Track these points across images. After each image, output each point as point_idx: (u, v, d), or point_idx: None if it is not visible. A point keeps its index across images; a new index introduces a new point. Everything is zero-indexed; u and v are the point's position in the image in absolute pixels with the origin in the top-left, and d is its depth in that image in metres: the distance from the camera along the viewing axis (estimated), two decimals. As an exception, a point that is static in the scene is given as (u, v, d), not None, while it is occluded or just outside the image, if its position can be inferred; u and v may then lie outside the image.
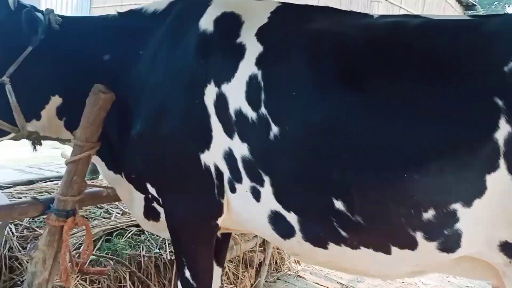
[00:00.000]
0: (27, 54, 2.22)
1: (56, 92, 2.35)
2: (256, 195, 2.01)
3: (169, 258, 3.22)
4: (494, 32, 1.72)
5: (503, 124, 1.59)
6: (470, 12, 18.09)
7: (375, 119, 1.75)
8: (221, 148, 2.04)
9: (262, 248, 3.99)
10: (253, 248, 3.87)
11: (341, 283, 4.15)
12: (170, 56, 2.17)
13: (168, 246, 3.30)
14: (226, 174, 2.07)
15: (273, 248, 4.11)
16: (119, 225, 3.39)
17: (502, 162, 1.60)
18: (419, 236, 1.75)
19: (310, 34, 1.99)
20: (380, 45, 1.85)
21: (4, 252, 2.85)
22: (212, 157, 2.07)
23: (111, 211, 3.67)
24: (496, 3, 35.34)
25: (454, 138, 1.65)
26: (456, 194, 1.67)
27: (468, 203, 1.66)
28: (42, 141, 2.50)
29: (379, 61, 1.82)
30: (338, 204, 1.83)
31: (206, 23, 2.13)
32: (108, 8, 16.77)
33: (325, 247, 1.96)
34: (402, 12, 11.45)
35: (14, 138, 2.42)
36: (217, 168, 2.08)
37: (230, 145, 2.01)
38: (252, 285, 3.88)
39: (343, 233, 1.87)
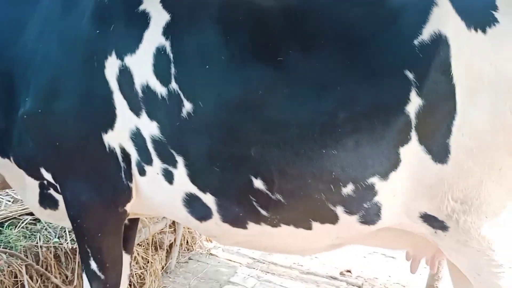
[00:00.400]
0: None
1: None
2: (169, 177, 1.89)
3: (70, 247, 2.98)
4: (402, 5, 1.71)
5: (414, 97, 1.62)
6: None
7: (290, 94, 1.71)
8: (127, 128, 1.88)
9: (172, 229, 3.86)
10: (162, 229, 3.74)
11: (253, 258, 4.17)
12: (62, 23, 1.96)
13: (69, 234, 3.05)
14: (134, 156, 1.92)
15: (184, 228, 4.00)
16: (10, 214, 3.10)
17: (413, 135, 1.64)
18: (339, 210, 1.76)
19: (222, 2, 1.88)
20: (293, 16, 1.79)
21: None
22: (117, 138, 1.91)
23: (0, 199, 3.30)
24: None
25: (368, 112, 1.66)
26: (373, 168, 1.69)
27: (384, 176, 1.69)
28: None
29: (293, 32, 1.77)
30: (258, 183, 1.78)
31: None
32: None
33: (245, 227, 1.91)
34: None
35: None
36: (123, 150, 1.92)
37: (137, 124, 1.86)
38: (163, 268, 3.76)
39: (263, 212, 1.84)
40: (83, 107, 1.90)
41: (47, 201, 2.24)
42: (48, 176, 2.09)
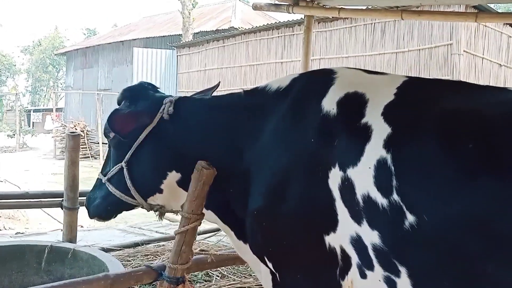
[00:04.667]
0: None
1: (173, 168, 2.54)
2: (391, 285, 1.87)
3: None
4: None
5: None
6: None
7: None
8: (347, 233, 1.96)
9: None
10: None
11: None
12: (291, 135, 2.16)
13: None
14: (355, 259, 1.97)
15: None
16: (220, 290, 3.57)
17: None
18: None
19: (444, 113, 1.84)
20: None
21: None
22: (338, 240, 2.01)
23: (211, 274, 3.86)
24: None
25: None
26: None
27: None
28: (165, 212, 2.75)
29: None
30: None
31: (329, 103, 2.11)
32: (192, 72, 17.96)
33: None
34: (485, 63, 11.16)
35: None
36: (343, 251, 1.99)
37: (358, 231, 1.92)
38: None
39: None
40: (307, 211, 2.05)
41: None
42: (269, 265, 2.29)
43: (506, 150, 1.66)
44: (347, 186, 1.94)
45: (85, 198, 2.93)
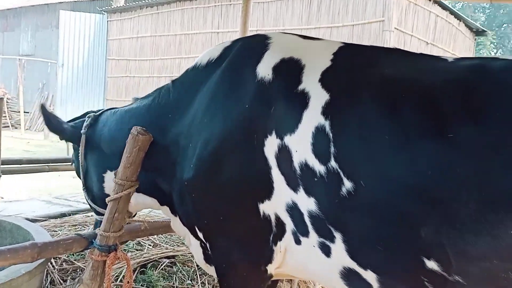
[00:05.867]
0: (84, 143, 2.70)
1: (107, 169, 2.65)
2: (326, 250, 1.88)
3: (201, 289, 3.32)
4: None
5: None
6: (480, 37, 18.23)
7: (465, 172, 1.56)
8: (283, 201, 1.94)
9: (289, 279, 4.05)
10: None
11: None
12: (225, 103, 2.12)
13: (200, 277, 3.40)
14: (290, 226, 1.97)
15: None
16: (152, 257, 3.50)
17: None
18: None
19: (382, 79, 1.84)
20: (462, 89, 1.68)
21: (47, 285, 2.97)
22: (272, 207, 1.99)
23: (142, 243, 3.78)
24: (505, 25, 35.54)
25: None
26: None
27: None
28: None
29: (464, 107, 1.64)
30: (431, 264, 1.64)
31: (264, 69, 2.06)
32: (124, 40, 17.25)
33: None
34: (414, 40, 11.63)
35: None
36: (278, 218, 1.99)
37: (294, 198, 1.91)
38: (279, 315, 3.93)
39: None
40: (242, 179, 2.02)
41: (211, 260, 2.39)
42: (200, 235, 2.28)
43: (444, 116, 1.65)
44: (284, 154, 1.92)
45: (7, 166, 2.94)
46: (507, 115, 1.56)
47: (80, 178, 2.84)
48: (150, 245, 3.76)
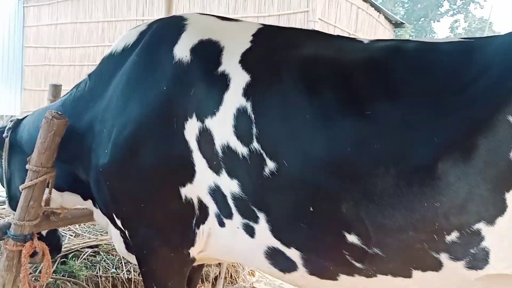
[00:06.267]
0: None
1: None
2: (250, 231, 1.91)
3: (126, 277, 3.26)
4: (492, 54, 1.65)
5: None
6: (399, 29, 19.22)
7: (382, 148, 1.64)
8: (205, 184, 1.94)
9: (217, 263, 4.08)
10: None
11: (294, 292, 4.29)
12: (143, 85, 2.06)
13: (125, 265, 3.33)
14: (213, 209, 1.97)
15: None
16: (73, 247, 3.41)
17: None
18: (444, 257, 1.65)
19: (302, 60, 1.88)
20: (379, 68, 1.76)
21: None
22: (194, 191, 1.98)
23: (63, 234, 3.64)
24: (422, 19, 37.64)
25: (470, 160, 1.55)
26: (478, 215, 1.57)
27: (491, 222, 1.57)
28: None
29: (380, 85, 1.71)
30: (352, 238, 1.71)
31: (182, 51, 2.02)
32: (42, 26, 16.33)
33: (335, 279, 1.85)
34: (337, 31, 12.01)
35: None
36: (200, 201, 1.99)
37: (217, 181, 1.91)
38: (208, 299, 3.95)
39: (358, 265, 1.76)
40: (161, 164, 1.98)
41: (131, 247, 2.36)
42: (118, 222, 2.22)
43: (362, 94, 1.72)
44: (205, 137, 1.90)
45: None
46: (420, 92, 1.65)
47: (3, 186, 2.73)
48: (71, 236, 3.63)
